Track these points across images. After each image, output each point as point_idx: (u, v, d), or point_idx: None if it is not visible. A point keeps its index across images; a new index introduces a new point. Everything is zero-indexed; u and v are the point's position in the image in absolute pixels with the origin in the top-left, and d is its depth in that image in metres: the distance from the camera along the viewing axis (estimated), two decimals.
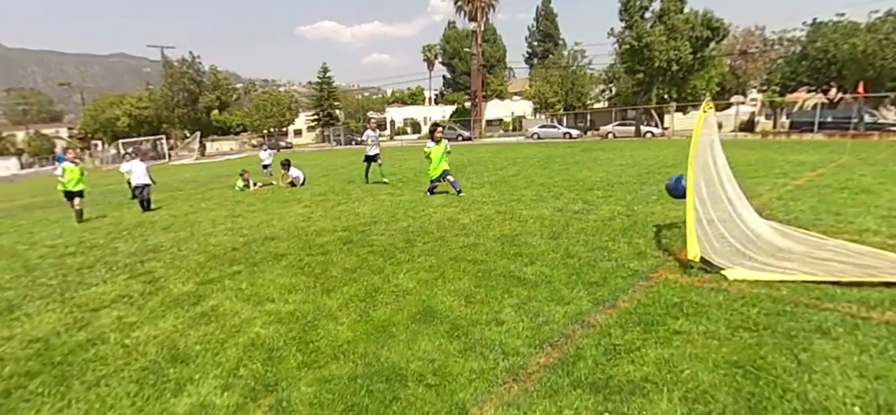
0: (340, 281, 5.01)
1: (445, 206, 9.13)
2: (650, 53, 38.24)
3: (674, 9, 39.01)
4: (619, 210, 7.98)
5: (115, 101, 61.87)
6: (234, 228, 8.57)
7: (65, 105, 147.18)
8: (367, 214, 8.85)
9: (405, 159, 22.62)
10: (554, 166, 15.29)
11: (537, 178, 12.61)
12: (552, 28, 77.76)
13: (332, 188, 13.33)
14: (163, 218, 10.41)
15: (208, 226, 9.08)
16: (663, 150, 20.71)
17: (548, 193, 10.04)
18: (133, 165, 12.50)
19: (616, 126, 38.92)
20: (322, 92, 61.96)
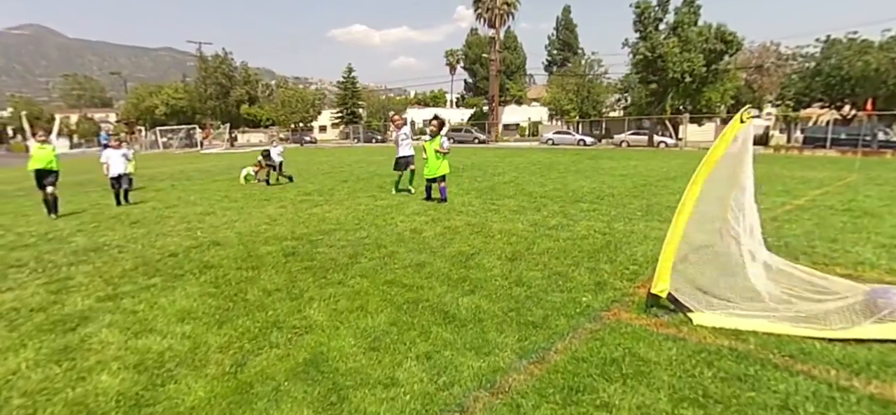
0: (246, 309, 4.14)
1: (419, 214, 8.27)
2: (664, 64, 36.82)
3: (687, 21, 37.49)
4: (597, 227, 7.02)
5: (154, 91, 62.65)
6: (193, 229, 7.82)
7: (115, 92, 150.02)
8: (333, 220, 7.99)
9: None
10: (552, 174, 14.29)
11: (529, 186, 11.66)
12: (571, 38, 76.41)
13: (321, 187, 12.55)
14: (139, 212, 9.73)
15: (173, 224, 8.34)
16: (671, 160, 19.48)
17: (531, 203, 9.08)
18: (109, 154, 10.84)
19: (630, 135, 37.56)
20: (346, 91, 61.60)
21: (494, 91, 52.72)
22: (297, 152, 35.49)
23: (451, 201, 9.54)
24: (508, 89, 66.96)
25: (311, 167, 19.79)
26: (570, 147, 34.88)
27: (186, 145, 51.23)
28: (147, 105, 61.65)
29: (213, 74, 53.09)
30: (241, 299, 4.40)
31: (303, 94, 57.96)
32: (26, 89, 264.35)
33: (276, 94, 57.62)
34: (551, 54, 78.70)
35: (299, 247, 6.24)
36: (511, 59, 71.88)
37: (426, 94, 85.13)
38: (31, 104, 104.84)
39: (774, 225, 7.12)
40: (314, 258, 5.68)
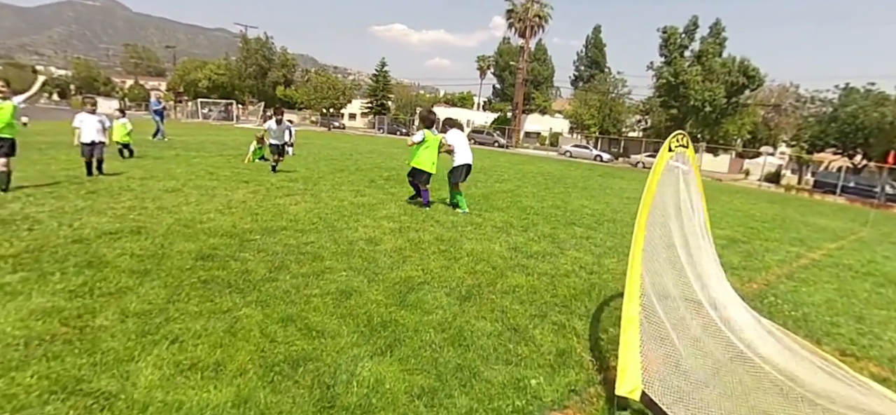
0: (79, 345, 2.91)
1: (391, 218, 6.94)
2: (685, 91, 34.87)
3: (712, 51, 35.44)
4: (584, 261, 5.60)
5: (199, 66, 62.70)
6: (137, 208, 6.56)
7: (169, 65, 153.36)
8: (291, 215, 6.67)
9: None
10: (557, 188, 12.80)
11: (527, 199, 10.22)
12: (599, 56, 74.13)
13: (311, 175, 11.21)
14: (104, 184, 8.52)
15: (123, 200, 7.10)
16: None
17: (520, 220, 7.66)
18: (82, 118, 9.21)
19: (646, 156, 35.59)
20: (378, 83, 60.62)
21: (519, 99, 51.04)
22: (321, 135, 34.49)
23: (434, 206, 8.22)
24: (534, 99, 65.07)
25: (323, 152, 18.63)
26: (586, 161, 33.08)
27: (224, 118, 50.97)
28: (192, 78, 61.73)
29: (253, 55, 52.78)
30: (85, 325, 3.14)
31: (334, 81, 57.11)
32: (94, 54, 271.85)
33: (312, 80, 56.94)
34: (579, 70, 76.42)
35: (224, 248, 4.96)
36: (539, 70, 69.91)
37: (455, 94, 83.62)
38: (90, 67, 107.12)
39: (790, 285, 5.66)
40: (227, 267, 4.40)
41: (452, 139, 8.19)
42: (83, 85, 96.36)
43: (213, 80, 58.26)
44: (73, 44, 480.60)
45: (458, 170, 8.17)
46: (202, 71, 60.27)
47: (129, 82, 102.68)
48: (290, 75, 57.51)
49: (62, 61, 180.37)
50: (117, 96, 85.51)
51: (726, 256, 6.77)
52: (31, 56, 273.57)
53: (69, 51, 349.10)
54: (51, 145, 13.17)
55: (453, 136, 8.27)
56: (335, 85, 55.34)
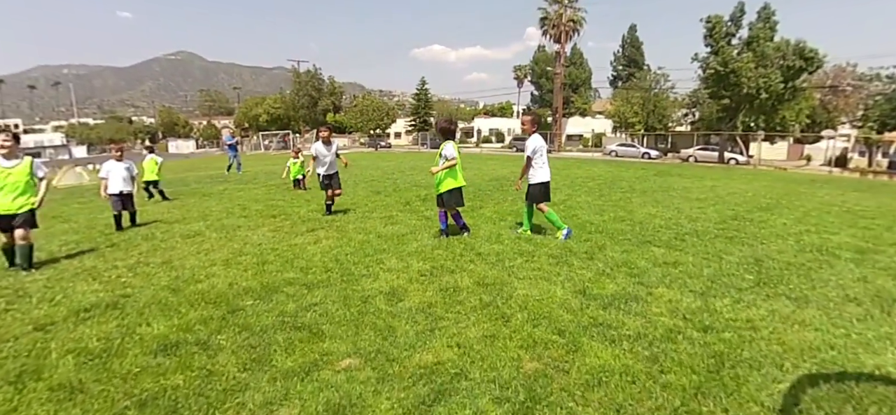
0: None
1: (420, 255, 5.32)
2: (737, 80, 31.39)
3: (763, 36, 31.74)
4: (685, 306, 3.75)
5: (259, 102, 64.26)
6: (139, 268, 5.40)
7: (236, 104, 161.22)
8: (304, 261, 5.20)
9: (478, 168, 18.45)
10: (613, 195, 10.77)
11: (583, 211, 8.34)
12: (637, 55, 70.32)
13: (344, 201, 9.83)
14: (130, 237, 7.50)
15: (133, 257, 6.01)
16: (751, 182, 15.11)
17: (581, 244, 5.80)
18: (109, 167, 7.83)
19: (698, 150, 32.33)
20: (419, 101, 59.73)
21: (558, 103, 48.53)
22: (368, 156, 33.61)
23: (478, 230, 6.56)
24: (573, 102, 62.17)
25: (365, 173, 17.37)
26: (634, 160, 30.30)
27: (282, 147, 51.62)
28: (253, 113, 63.31)
29: (304, 87, 53.24)
30: None
31: (378, 103, 56.76)
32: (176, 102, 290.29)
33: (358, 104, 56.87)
34: (616, 70, 72.76)
35: (200, 327, 3.49)
36: (576, 73, 66.94)
37: (494, 105, 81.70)
38: (171, 114, 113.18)
39: None
40: (189, 366, 2.91)
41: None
42: (166, 130, 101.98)
43: (270, 113, 59.43)
44: (160, 94, 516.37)
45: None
46: (261, 106, 61.67)
47: (203, 123, 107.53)
48: (339, 102, 57.69)
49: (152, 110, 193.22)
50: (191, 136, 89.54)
51: (878, 279, 4.68)
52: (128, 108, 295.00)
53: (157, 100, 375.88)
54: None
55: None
56: (380, 107, 54.90)
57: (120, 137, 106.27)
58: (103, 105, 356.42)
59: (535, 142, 6.12)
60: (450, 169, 6.11)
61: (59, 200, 13.05)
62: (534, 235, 6.30)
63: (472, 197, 10.43)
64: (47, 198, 5.78)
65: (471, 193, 11.07)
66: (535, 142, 6.12)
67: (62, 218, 9.87)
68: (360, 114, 54.90)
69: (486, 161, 25.01)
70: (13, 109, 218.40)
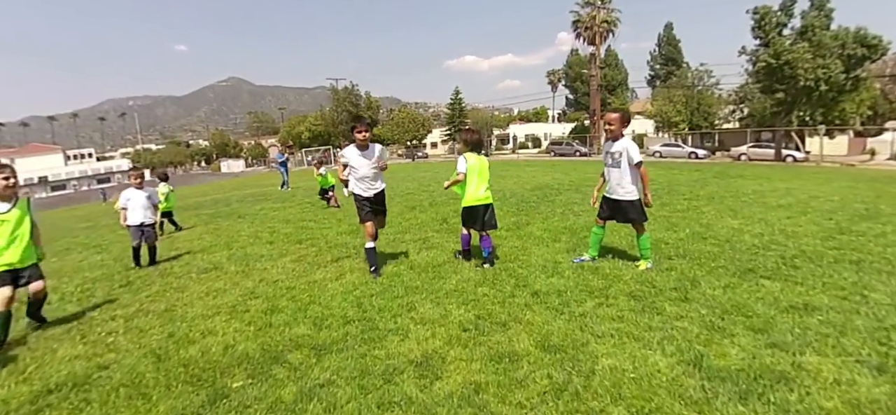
0: None
1: (457, 298, 4.11)
2: (792, 72, 28.59)
3: (819, 25, 28.82)
4: (866, 393, 2.38)
5: (301, 120, 65.31)
6: (134, 321, 4.55)
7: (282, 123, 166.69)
8: (318, 310, 4.10)
9: (517, 177, 17.05)
10: (677, 202, 9.20)
11: (650, 226, 6.87)
12: (675, 52, 67.01)
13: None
14: (144, 275, 6.78)
15: (136, 304, 5.18)
16: (826, 182, 13.01)
17: (664, 274, 4.45)
18: (129, 195, 6.94)
19: (750, 148, 29.65)
20: (454, 111, 58.76)
21: (595, 105, 46.39)
22: (405, 167, 32.82)
23: (529, 255, 5.33)
24: (610, 103, 59.51)
25: (401, 186, 16.41)
26: (681, 161, 27.98)
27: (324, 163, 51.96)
28: (297, 131, 64.35)
29: (342, 103, 53.45)
30: None
31: (414, 115, 56.26)
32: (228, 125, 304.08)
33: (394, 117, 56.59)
34: (654, 69, 69.53)
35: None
36: (612, 75, 64.23)
37: (529, 111, 79.77)
38: (223, 136, 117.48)
39: None
40: None
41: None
42: (219, 151, 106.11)
43: (312, 130, 60.20)
44: (214, 119, 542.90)
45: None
46: (303, 124, 62.61)
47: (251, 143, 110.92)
48: (376, 116, 57.62)
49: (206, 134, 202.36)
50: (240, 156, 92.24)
51: None
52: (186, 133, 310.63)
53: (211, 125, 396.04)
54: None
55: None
56: (415, 118, 54.35)
57: (179, 159, 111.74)
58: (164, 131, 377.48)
59: (622, 144, 4.71)
60: (460, 184, 5.07)
61: (108, 226, 12.83)
62: (596, 260, 5.01)
63: (514, 211, 9.19)
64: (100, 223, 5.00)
65: (513, 206, 9.82)
66: (622, 144, 4.71)
67: (100, 247, 9.40)
68: (396, 126, 54.53)
69: (525, 168, 23.56)
70: (87, 140, 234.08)
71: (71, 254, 9.45)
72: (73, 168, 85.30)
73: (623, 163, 4.69)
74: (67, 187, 73.52)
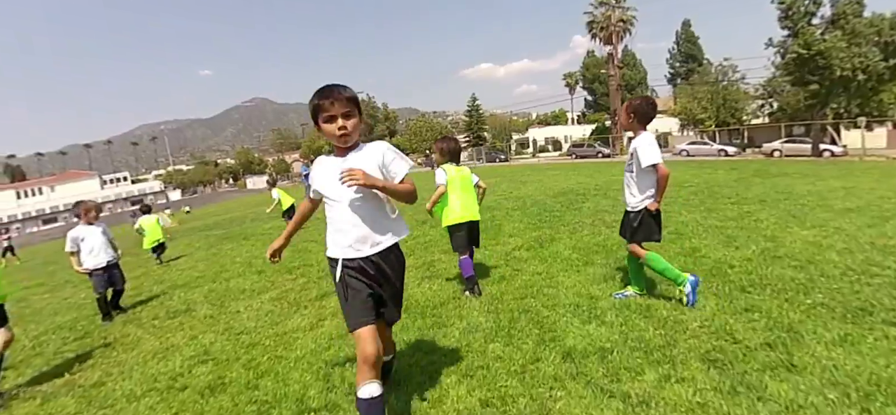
0: None
1: (458, 366, 2.92)
2: (826, 62, 26.48)
3: (851, 12, 26.65)
4: None
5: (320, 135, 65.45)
6: (47, 400, 3.56)
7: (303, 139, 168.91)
8: (275, 384, 2.99)
9: (539, 182, 15.75)
10: (725, 208, 7.64)
11: (701, 240, 5.42)
12: (694, 49, 64.73)
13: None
14: (103, 332, 5.86)
15: (66, 377, 4.22)
16: (884, 179, 11.27)
17: (744, 320, 3.15)
18: (80, 233, 5.63)
19: (784, 143, 27.56)
20: (471, 118, 57.67)
21: (616, 105, 44.53)
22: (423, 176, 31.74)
23: (556, 286, 4.12)
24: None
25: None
26: (712, 159, 26.00)
27: None
28: (317, 145, 64.48)
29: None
30: None
31: (431, 123, 55.43)
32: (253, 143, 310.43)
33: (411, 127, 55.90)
34: (673, 67, 67.24)
35: None
36: (631, 74, 62.36)
37: (548, 114, 78.04)
38: (247, 153, 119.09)
39: None
40: None
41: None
42: (244, 168, 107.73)
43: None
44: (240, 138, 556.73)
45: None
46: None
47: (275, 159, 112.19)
48: (393, 127, 57.06)
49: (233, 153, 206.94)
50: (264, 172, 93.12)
51: None
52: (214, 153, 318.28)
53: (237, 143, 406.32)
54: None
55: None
56: (433, 127, 53.49)
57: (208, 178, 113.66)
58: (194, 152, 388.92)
59: (649, 143, 3.51)
60: (442, 199, 4.31)
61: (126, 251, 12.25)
62: (644, 296, 3.77)
63: (536, 222, 7.99)
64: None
65: (535, 217, 8.61)
66: (649, 143, 3.51)
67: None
68: (413, 135, 53.78)
69: (546, 172, 22.22)
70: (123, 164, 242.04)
71: (64, 289, 8.70)
72: (109, 192, 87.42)
73: (634, 166, 3.57)
74: (103, 210, 75.24)
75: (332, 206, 2.22)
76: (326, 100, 2.07)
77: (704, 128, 36.79)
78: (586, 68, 66.94)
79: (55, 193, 76.46)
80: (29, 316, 6.97)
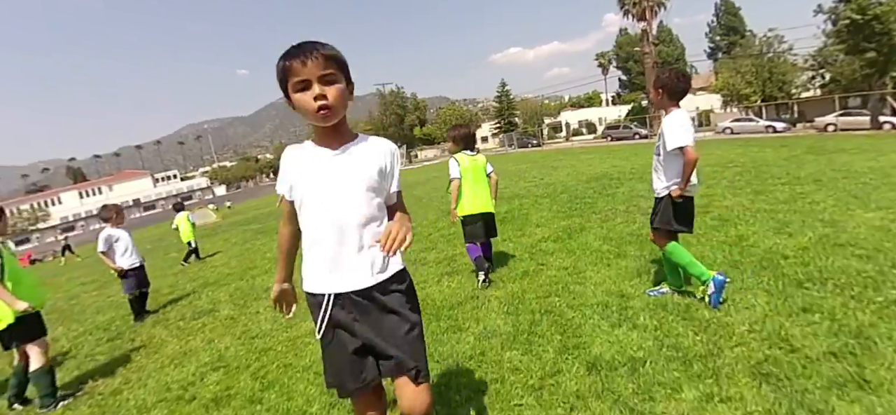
0: None
1: (470, 381, 2.66)
2: (882, 27, 24.11)
3: None
4: None
5: (352, 125, 66.24)
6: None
7: None
8: (275, 401, 2.84)
9: (572, 167, 15.15)
10: (774, 189, 6.89)
11: (747, 226, 4.88)
12: (735, 21, 61.09)
13: None
14: (131, 335, 5.93)
15: (86, 388, 4.22)
16: None
17: (812, 329, 2.71)
18: (112, 235, 5.62)
19: (838, 116, 25.47)
20: (502, 104, 56.65)
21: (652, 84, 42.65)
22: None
23: (583, 282, 3.76)
24: None
25: (443, 184, 15.13)
26: (758, 136, 24.28)
27: None
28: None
29: (390, 106, 53.38)
30: None
31: (460, 111, 54.96)
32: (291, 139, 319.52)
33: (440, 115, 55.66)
34: (714, 41, 63.72)
35: None
36: (667, 51, 59.51)
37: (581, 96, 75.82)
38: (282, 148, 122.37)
39: None
40: None
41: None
42: None
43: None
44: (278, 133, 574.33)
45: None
46: (355, 129, 63.35)
47: None
48: (423, 116, 57.02)
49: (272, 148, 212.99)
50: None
51: None
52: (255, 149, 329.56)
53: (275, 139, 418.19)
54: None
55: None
56: (462, 114, 53.05)
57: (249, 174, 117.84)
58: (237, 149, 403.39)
59: (678, 122, 3.10)
60: (461, 191, 4.21)
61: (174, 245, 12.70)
62: (681, 291, 3.37)
63: (566, 211, 7.56)
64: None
65: (564, 204, 8.18)
66: (678, 122, 3.10)
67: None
68: (444, 123, 53.51)
69: (579, 156, 21.42)
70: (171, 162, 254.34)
71: (111, 286, 9.01)
72: (161, 189, 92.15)
73: (661, 148, 3.19)
74: (156, 207, 79.28)
75: (315, 216, 1.54)
76: (296, 59, 1.43)
77: (749, 103, 34.60)
78: (619, 47, 64.40)
79: (113, 192, 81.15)
80: (76, 314, 7.23)
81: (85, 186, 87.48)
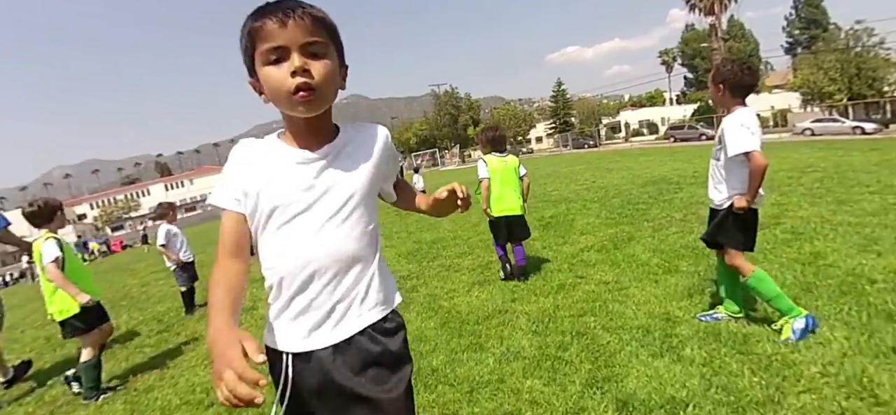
0: None
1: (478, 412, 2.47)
2: None
3: None
4: None
5: (408, 126, 67.28)
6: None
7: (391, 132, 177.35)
8: None
9: (628, 169, 14.30)
10: (862, 199, 5.81)
11: (825, 242, 4.17)
12: (817, 13, 55.55)
13: (442, 237, 7.37)
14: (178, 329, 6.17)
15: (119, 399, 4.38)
16: None
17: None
18: (169, 231, 5.82)
19: None
20: (557, 103, 55.09)
21: None
22: None
23: (624, 301, 3.35)
24: None
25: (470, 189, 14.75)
26: (841, 138, 21.72)
27: (432, 164, 52.59)
28: (404, 137, 66.52)
29: (444, 107, 53.69)
30: None
31: (514, 111, 54.12)
32: None
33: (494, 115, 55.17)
34: (792, 35, 58.32)
35: None
36: (739, 47, 55.22)
37: (642, 95, 72.21)
38: None
39: None
40: None
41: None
42: None
43: (418, 135, 61.46)
44: None
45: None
46: (410, 130, 64.27)
47: None
48: (477, 116, 56.84)
49: None
50: None
51: None
52: None
53: None
54: None
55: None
56: (517, 114, 52.22)
57: None
58: None
59: (741, 123, 2.61)
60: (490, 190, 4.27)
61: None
62: (741, 319, 2.89)
63: (615, 218, 7.03)
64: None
65: (615, 210, 7.64)
66: (741, 123, 2.61)
67: None
68: (499, 124, 53.22)
69: (638, 158, 20.23)
70: None
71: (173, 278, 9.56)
72: None
73: (721, 152, 2.71)
74: None
75: (281, 248, 1.11)
76: (270, 19, 0.98)
77: (833, 102, 31.22)
78: (685, 43, 60.60)
79: (194, 185, 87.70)
80: (141, 302, 7.72)
81: (170, 180, 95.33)
